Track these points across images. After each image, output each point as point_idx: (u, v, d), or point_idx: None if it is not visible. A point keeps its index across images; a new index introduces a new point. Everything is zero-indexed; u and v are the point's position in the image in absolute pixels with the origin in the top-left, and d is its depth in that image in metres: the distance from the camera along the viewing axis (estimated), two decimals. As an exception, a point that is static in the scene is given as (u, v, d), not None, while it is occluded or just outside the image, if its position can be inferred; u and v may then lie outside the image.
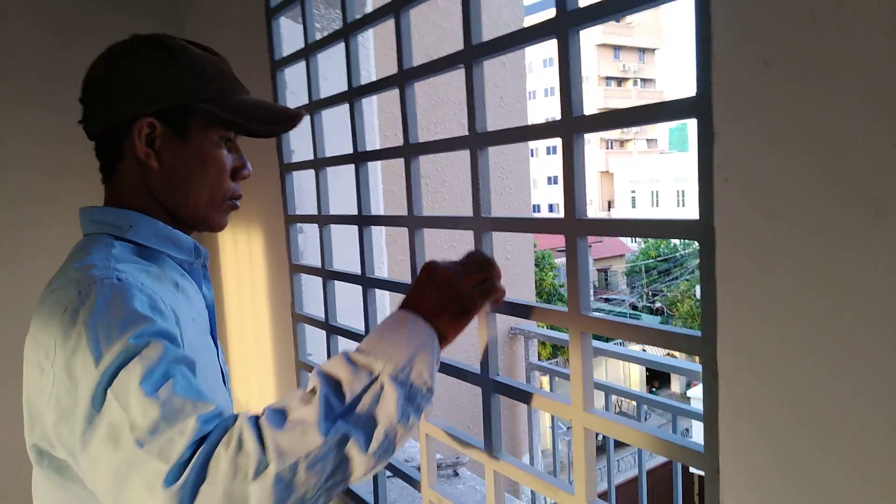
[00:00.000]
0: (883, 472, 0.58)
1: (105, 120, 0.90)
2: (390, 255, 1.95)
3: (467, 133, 1.05)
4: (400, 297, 0.89)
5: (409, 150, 1.20)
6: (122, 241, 0.89)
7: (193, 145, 0.91)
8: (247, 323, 2.08)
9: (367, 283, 1.40)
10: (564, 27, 0.87)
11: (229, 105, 0.92)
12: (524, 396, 1.04)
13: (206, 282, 1.04)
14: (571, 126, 0.88)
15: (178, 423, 0.67)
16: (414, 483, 1.30)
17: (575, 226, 0.89)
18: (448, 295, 0.84)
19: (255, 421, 0.68)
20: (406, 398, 0.73)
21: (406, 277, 1.27)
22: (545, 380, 3.43)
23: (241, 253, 2.05)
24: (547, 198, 32.73)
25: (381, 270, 1.82)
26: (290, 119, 1.00)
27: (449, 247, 3.23)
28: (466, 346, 3.38)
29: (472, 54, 1.03)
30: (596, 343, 2.83)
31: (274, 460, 0.65)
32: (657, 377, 20.29)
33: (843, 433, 0.61)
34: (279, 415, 0.68)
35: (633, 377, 18.94)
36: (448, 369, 1.17)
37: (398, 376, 0.73)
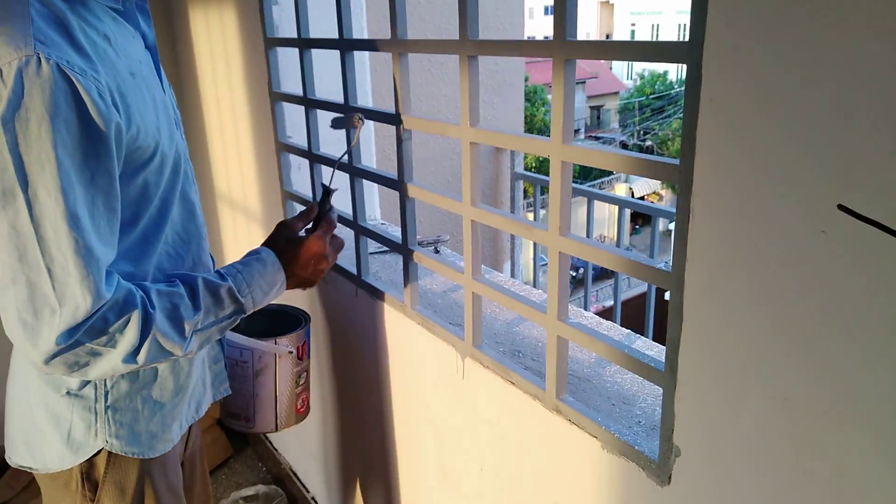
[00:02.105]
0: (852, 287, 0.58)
1: None
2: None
3: None
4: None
5: None
6: None
7: None
8: (223, 102, 2.02)
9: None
10: None
11: None
12: (502, 223, 1.04)
13: (144, 17, 0.97)
14: None
15: (89, 283, 0.78)
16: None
17: (562, 48, 0.83)
18: (311, 282, 1.12)
19: (147, 311, 0.84)
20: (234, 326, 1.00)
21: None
22: (531, 190, 3.45)
23: (213, 27, 1.94)
24: (543, 30, 31.16)
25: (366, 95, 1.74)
26: None
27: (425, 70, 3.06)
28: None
29: None
30: (581, 187, 2.85)
31: (144, 356, 0.85)
32: (640, 216, 20.68)
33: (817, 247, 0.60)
34: (167, 320, 0.87)
35: (617, 215, 19.30)
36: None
37: (243, 317, 0.99)
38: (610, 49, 0.82)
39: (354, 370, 1.63)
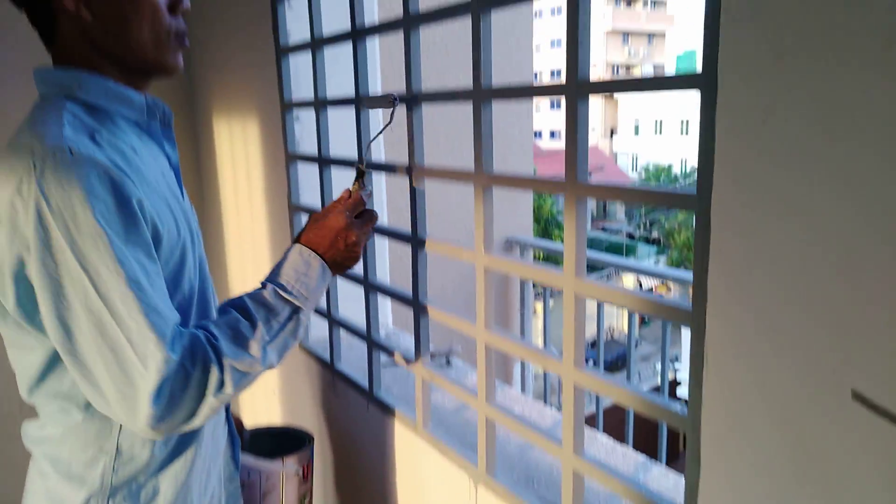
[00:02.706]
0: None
1: None
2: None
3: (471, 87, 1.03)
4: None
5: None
6: (74, 101, 0.89)
7: None
8: (243, 213, 2.08)
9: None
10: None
11: None
12: (516, 349, 1.05)
13: (169, 142, 1.03)
14: (576, 89, 0.85)
15: (157, 334, 0.81)
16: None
17: (574, 188, 0.88)
18: (350, 257, 1.06)
19: (214, 345, 0.86)
20: (303, 326, 0.98)
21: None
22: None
23: (237, 142, 2.02)
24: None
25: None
26: None
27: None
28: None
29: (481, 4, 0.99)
30: (604, 256, 2.86)
31: (230, 384, 0.86)
32: (650, 306, 20.48)
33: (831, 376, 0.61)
34: (233, 345, 0.88)
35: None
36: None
37: (306, 315, 0.98)
38: (623, 192, 0.85)
39: (362, 490, 1.59)
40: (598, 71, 35.71)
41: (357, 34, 1.32)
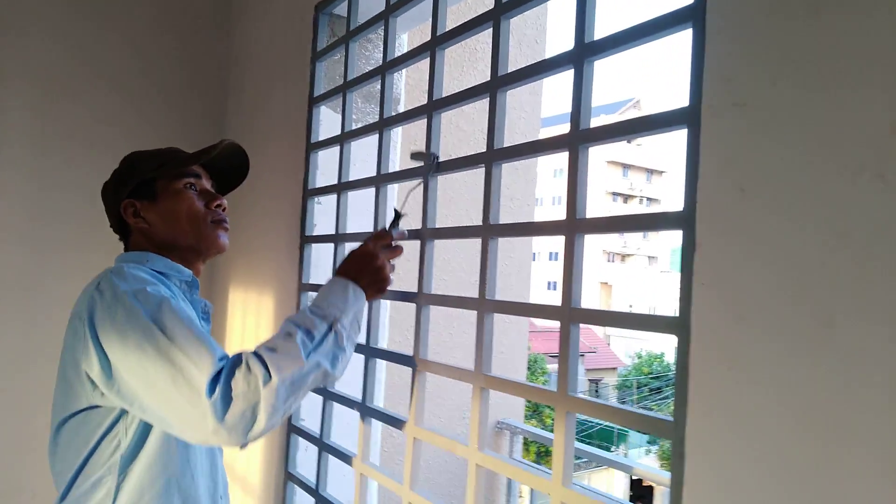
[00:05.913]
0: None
1: (112, 220, 1.30)
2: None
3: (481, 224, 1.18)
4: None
5: (426, 234, 1.32)
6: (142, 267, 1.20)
7: (164, 200, 1.26)
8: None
9: (371, 352, 1.49)
10: (576, 143, 1.00)
11: (171, 160, 1.27)
12: (506, 469, 1.11)
13: (205, 324, 1.29)
14: (574, 225, 1.00)
15: (209, 349, 1.01)
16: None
17: (570, 314, 0.99)
18: (378, 278, 1.26)
19: (255, 352, 1.01)
20: (347, 338, 1.13)
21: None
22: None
23: (250, 314, 2.15)
24: (545, 301, 32.71)
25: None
26: (214, 146, 1.29)
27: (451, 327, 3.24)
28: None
29: (492, 157, 1.17)
30: (588, 448, 2.83)
31: (276, 375, 0.99)
32: (640, 497, 19.42)
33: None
34: (272, 349, 1.02)
35: (617, 495, 18.15)
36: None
37: (344, 328, 1.13)
38: (612, 317, 0.96)
39: None
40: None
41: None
